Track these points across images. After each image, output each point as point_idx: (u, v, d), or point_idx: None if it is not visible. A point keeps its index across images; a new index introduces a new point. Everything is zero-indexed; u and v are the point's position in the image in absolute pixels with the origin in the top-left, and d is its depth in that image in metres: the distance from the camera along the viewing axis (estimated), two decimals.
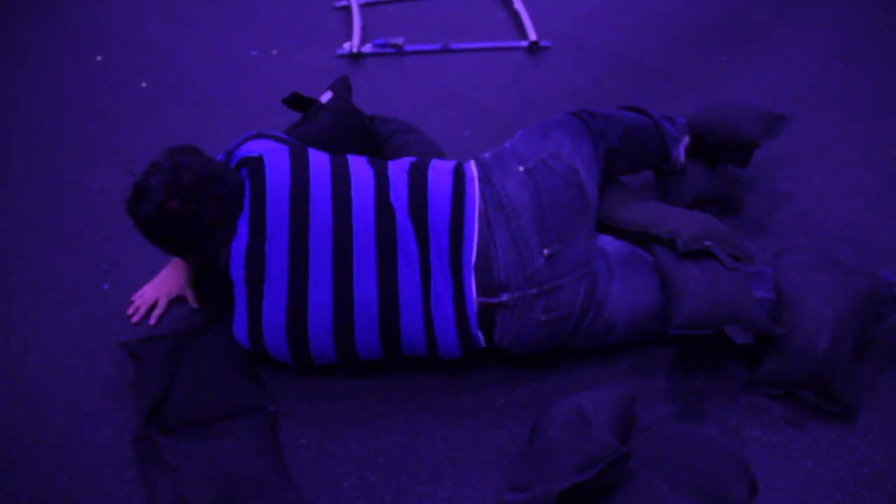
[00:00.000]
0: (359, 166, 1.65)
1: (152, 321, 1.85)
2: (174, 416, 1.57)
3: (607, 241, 1.70)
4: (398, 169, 1.66)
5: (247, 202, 1.57)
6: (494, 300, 1.56)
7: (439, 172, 1.65)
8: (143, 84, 2.85)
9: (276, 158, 1.62)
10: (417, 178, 1.63)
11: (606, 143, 1.78)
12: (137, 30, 3.23)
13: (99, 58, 3.04)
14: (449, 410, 1.62)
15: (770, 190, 2.13)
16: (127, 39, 3.17)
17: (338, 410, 1.64)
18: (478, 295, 1.55)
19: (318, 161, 1.63)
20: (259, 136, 1.73)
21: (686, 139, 1.99)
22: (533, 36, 2.92)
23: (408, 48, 2.95)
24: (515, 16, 3.12)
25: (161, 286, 1.89)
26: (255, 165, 1.60)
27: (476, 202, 1.60)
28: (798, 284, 1.63)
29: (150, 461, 1.50)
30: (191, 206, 1.54)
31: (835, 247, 1.93)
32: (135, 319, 1.85)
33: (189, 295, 1.89)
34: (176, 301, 1.90)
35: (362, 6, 3.26)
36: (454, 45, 2.94)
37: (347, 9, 3.27)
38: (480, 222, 1.58)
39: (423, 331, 1.58)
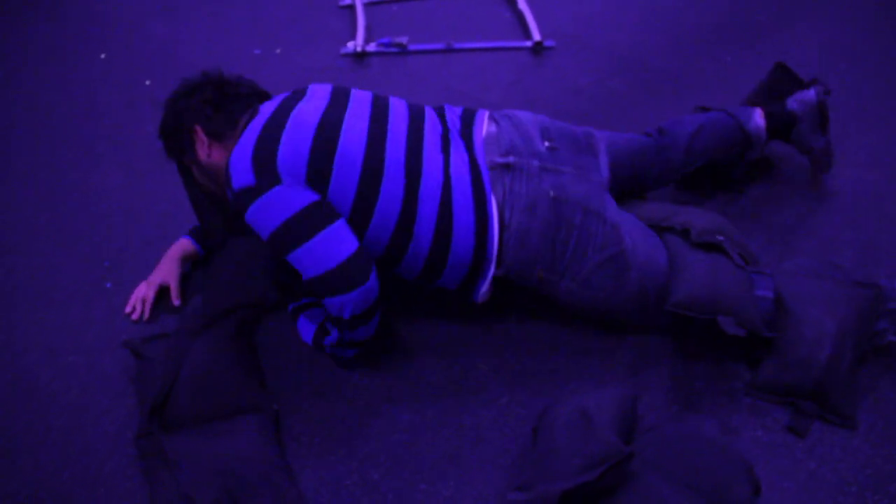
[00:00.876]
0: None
1: (146, 315, 1.85)
2: (177, 414, 1.57)
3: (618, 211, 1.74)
4: None
5: (283, 95, 1.70)
6: (501, 160, 1.65)
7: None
8: (147, 82, 2.84)
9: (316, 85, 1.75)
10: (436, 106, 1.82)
11: (679, 142, 1.93)
12: (141, 28, 3.23)
13: (102, 56, 3.04)
14: (452, 409, 1.62)
15: (771, 190, 2.13)
16: (130, 38, 3.17)
17: (340, 409, 1.64)
18: (487, 157, 1.67)
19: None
20: None
21: (757, 110, 2.02)
22: (537, 36, 2.92)
23: (412, 47, 2.94)
24: (519, 16, 3.12)
25: (151, 278, 1.90)
26: (295, 91, 1.72)
27: (485, 111, 1.79)
28: (799, 292, 1.63)
29: (153, 458, 1.50)
30: (225, 90, 1.69)
31: (837, 248, 1.93)
32: (134, 317, 1.86)
33: (173, 286, 1.88)
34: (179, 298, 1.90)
35: (366, 5, 3.26)
36: (458, 45, 2.94)
37: (351, 8, 3.27)
38: (489, 120, 1.76)
39: (440, 189, 1.59)
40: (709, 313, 1.56)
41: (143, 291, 1.89)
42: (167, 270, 1.91)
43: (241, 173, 1.53)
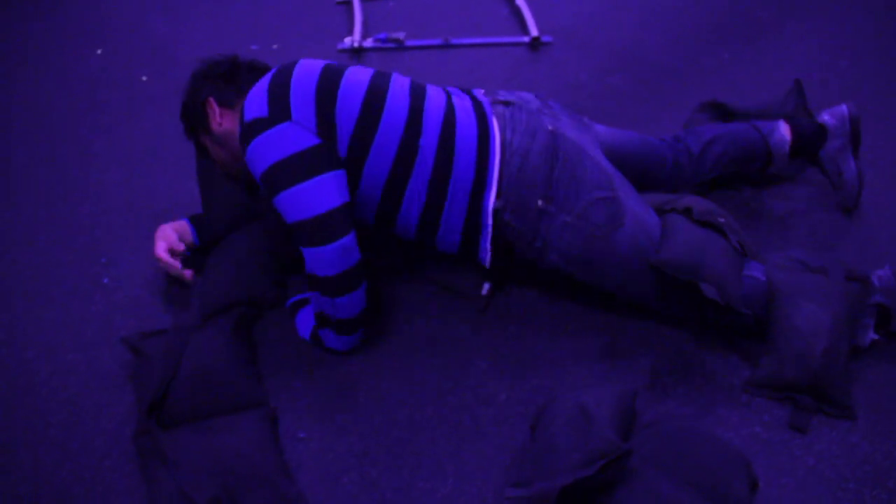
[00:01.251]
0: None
1: (179, 266, 1.84)
2: (175, 411, 1.57)
3: None
4: None
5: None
6: (502, 98, 1.74)
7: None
8: (144, 78, 2.84)
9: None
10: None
11: (692, 149, 1.93)
12: (138, 23, 3.23)
13: (99, 51, 3.03)
14: (450, 407, 1.62)
15: (771, 188, 2.12)
16: (127, 33, 3.16)
17: (338, 406, 1.64)
18: (488, 98, 1.76)
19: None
20: None
21: (782, 123, 1.97)
22: (534, 31, 2.91)
23: (409, 43, 2.94)
24: (517, 11, 3.11)
25: (157, 249, 1.86)
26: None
27: (481, 89, 1.84)
28: (793, 285, 1.63)
29: (151, 456, 1.50)
30: (238, 65, 1.81)
31: (837, 245, 1.93)
32: (172, 271, 1.86)
33: (174, 240, 1.87)
34: (176, 297, 1.90)
35: (363, 1, 3.26)
36: (455, 41, 2.94)
37: (349, 3, 3.26)
38: (486, 89, 1.82)
39: (444, 109, 1.68)
40: (691, 276, 1.58)
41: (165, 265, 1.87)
42: (164, 235, 1.88)
43: (256, 105, 1.60)
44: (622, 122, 2.20)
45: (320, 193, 1.57)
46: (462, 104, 1.72)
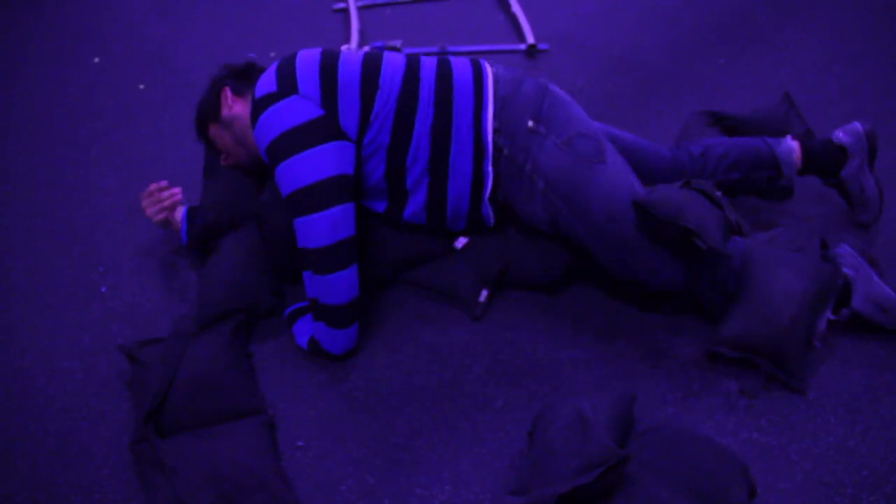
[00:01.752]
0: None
1: (175, 192, 1.98)
2: (172, 419, 1.57)
3: None
4: None
5: None
6: (495, 67, 1.83)
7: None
8: (141, 86, 2.84)
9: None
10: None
11: (693, 150, 1.93)
12: (136, 31, 3.23)
13: (97, 59, 3.04)
14: (448, 413, 1.62)
15: (778, 204, 2.11)
16: (125, 41, 3.17)
17: (336, 413, 1.64)
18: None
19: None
20: None
21: (788, 139, 1.94)
22: (531, 39, 2.92)
23: (406, 51, 2.94)
24: (513, 19, 3.12)
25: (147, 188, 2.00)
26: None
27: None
28: (772, 255, 1.66)
29: (148, 463, 1.50)
30: (253, 65, 1.92)
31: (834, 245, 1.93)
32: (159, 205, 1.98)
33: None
34: (174, 304, 1.91)
35: (360, 8, 3.26)
36: (452, 48, 2.94)
37: (345, 11, 3.27)
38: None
39: (437, 58, 1.81)
40: (672, 216, 1.57)
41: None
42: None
43: (266, 84, 1.71)
44: (621, 126, 2.20)
45: (317, 163, 1.64)
46: (454, 58, 1.84)
